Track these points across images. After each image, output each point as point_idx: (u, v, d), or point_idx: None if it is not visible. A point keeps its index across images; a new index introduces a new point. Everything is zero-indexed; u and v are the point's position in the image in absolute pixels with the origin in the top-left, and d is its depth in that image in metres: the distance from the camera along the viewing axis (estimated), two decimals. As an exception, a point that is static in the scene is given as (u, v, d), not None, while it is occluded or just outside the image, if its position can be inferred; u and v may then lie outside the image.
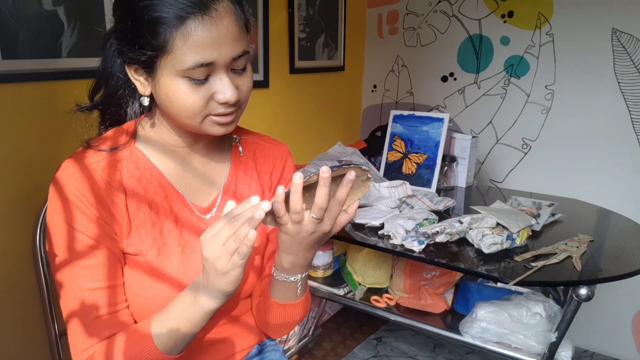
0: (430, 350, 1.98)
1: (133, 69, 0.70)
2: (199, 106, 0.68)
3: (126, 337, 0.70)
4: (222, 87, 0.68)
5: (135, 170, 0.75)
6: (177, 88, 0.67)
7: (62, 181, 0.71)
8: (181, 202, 0.78)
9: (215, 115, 0.70)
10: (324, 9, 1.99)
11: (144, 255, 0.74)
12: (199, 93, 0.67)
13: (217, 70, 0.67)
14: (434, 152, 1.73)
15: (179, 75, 0.66)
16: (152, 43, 0.64)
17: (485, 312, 1.28)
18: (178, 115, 0.69)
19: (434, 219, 1.38)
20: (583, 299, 1.07)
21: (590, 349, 1.96)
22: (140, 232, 0.74)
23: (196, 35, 0.63)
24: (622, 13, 1.68)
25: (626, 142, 1.75)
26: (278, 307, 0.82)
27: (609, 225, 1.50)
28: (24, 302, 1.13)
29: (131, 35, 0.66)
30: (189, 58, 0.64)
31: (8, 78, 1.04)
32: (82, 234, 0.70)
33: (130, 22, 0.65)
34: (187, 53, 0.64)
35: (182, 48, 0.64)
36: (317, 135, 2.11)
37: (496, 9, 1.94)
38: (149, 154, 0.78)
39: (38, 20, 1.08)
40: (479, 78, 2.04)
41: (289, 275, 0.77)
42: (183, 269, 0.76)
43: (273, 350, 0.97)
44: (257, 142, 0.90)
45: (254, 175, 0.87)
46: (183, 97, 0.67)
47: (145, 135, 0.78)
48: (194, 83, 0.66)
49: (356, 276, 1.58)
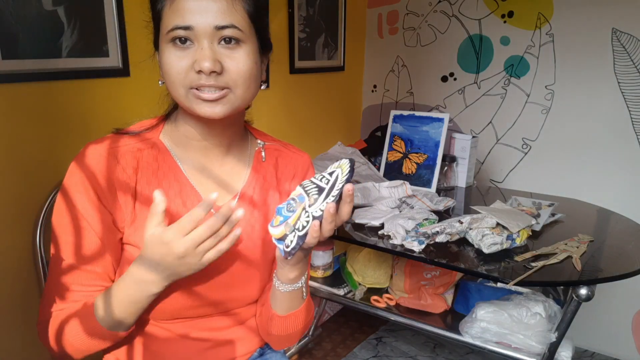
0: (430, 350, 1.98)
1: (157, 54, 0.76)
2: (180, 73, 0.69)
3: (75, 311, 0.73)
4: (200, 55, 0.68)
5: (154, 162, 0.77)
6: (165, 55, 0.70)
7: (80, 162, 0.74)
8: (195, 197, 0.78)
9: (196, 89, 0.70)
10: (324, 9, 1.99)
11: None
12: (180, 60, 0.69)
13: (199, 38, 0.69)
14: (434, 152, 1.73)
15: (166, 42, 0.70)
16: (154, 17, 0.72)
17: (485, 312, 1.28)
18: (170, 88, 0.72)
19: (434, 219, 1.38)
20: (583, 299, 1.07)
21: (590, 349, 1.96)
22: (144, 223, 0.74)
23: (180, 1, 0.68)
24: (622, 13, 1.68)
25: (626, 142, 1.75)
26: (279, 319, 0.82)
27: (609, 225, 1.50)
28: (24, 302, 1.13)
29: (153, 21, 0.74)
30: (171, 21, 0.68)
31: (8, 78, 1.04)
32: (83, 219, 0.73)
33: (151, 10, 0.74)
34: (170, 16, 0.69)
35: (168, 12, 0.69)
36: (317, 135, 2.11)
37: (496, 9, 1.94)
38: (170, 147, 0.79)
39: (38, 20, 1.07)
40: (479, 78, 2.04)
41: (295, 283, 0.77)
42: None
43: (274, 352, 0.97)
44: (280, 149, 0.90)
45: (273, 182, 0.87)
46: (168, 63, 0.70)
47: (169, 129, 0.81)
48: (177, 49, 0.69)
49: (356, 276, 1.58)
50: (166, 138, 0.80)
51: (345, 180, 0.63)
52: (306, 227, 0.63)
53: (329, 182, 0.64)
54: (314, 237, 0.65)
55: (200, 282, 0.76)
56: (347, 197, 0.64)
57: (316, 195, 0.64)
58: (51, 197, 1.10)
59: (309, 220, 0.63)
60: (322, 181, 0.65)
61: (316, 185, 0.64)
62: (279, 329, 0.83)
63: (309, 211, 0.63)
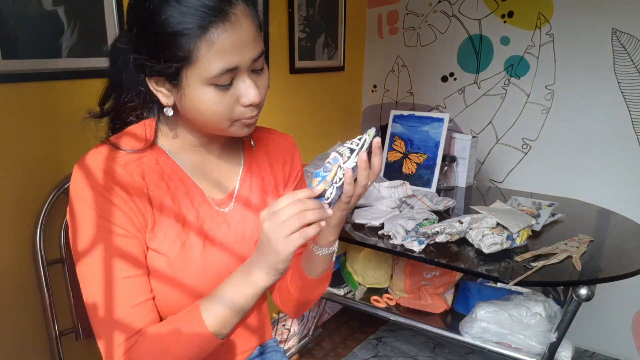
0: (430, 350, 1.98)
1: (154, 80, 0.71)
2: (226, 112, 0.69)
3: (171, 324, 0.70)
4: (245, 89, 0.69)
5: (157, 166, 0.76)
6: (204, 97, 0.67)
7: (87, 176, 0.71)
8: (200, 196, 0.79)
9: (244, 119, 0.72)
10: (324, 9, 1.99)
11: (167, 251, 0.74)
12: (225, 99, 0.68)
13: (240, 74, 0.68)
14: (434, 152, 1.73)
15: (205, 84, 0.66)
16: (176, 55, 0.65)
17: (485, 312, 1.28)
18: (206, 122, 0.70)
19: (434, 219, 1.38)
20: (583, 299, 1.07)
21: (590, 349, 1.96)
22: (164, 227, 0.74)
23: (219, 42, 0.64)
24: (622, 13, 1.68)
25: (626, 142, 1.75)
26: (314, 282, 0.84)
27: (609, 225, 1.50)
28: (24, 302, 1.13)
29: (154, 49, 0.66)
30: (214, 65, 0.65)
31: (8, 78, 1.04)
32: (114, 225, 0.70)
33: (153, 37, 0.65)
34: (212, 60, 0.65)
35: (207, 56, 0.64)
36: (317, 135, 2.11)
37: (496, 9, 1.94)
38: (168, 150, 0.79)
39: (38, 20, 1.07)
40: (479, 78, 2.04)
41: (332, 246, 0.80)
42: (204, 263, 0.76)
43: (274, 351, 0.97)
44: (266, 135, 0.91)
45: (266, 168, 0.88)
46: (211, 105, 0.68)
47: (163, 134, 0.79)
48: (220, 90, 0.67)
49: (356, 276, 1.58)
50: (163, 142, 0.79)
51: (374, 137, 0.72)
52: (342, 179, 0.71)
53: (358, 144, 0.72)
54: (349, 184, 0.70)
55: (203, 283, 0.76)
56: (376, 149, 0.71)
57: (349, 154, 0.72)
58: (51, 197, 1.10)
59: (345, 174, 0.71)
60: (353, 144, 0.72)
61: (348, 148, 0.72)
62: (311, 292, 0.86)
63: (343, 167, 0.71)
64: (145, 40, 0.67)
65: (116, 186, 0.70)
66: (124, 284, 0.70)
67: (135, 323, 0.70)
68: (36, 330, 1.14)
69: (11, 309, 1.11)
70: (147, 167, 0.75)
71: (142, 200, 0.73)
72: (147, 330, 0.70)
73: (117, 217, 0.70)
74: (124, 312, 0.69)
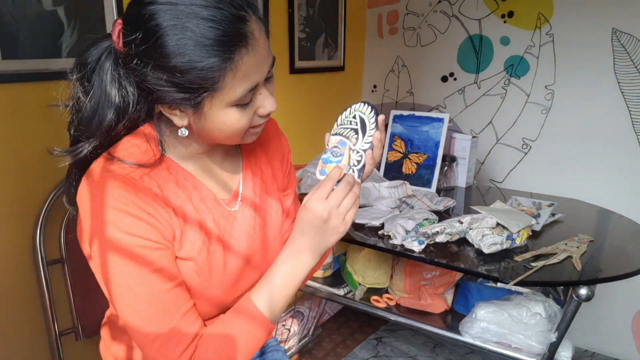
0: (430, 350, 1.98)
1: (167, 105, 0.67)
2: (246, 126, 0.70)
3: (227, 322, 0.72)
4: (263, 101, 0.69)
5: (170, 175, 0.74)
6: (227, 118, 0.67)
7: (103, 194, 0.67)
8: (213, 199, 0.79)
9: (255, 127, 0.72)
10: (324, 9, 1.99)
11: (195, 259, 0.73)
12: (246, 115, 0.68)
13: (258, 88, 0.68)
14: (434, 152, 1.73)
15: (228, 106, 0.66)
16: (201, 87, 0.62)
17: (485, 312, 1.28)
18: (224, 138, 0.71)
19: (434, 219, 1.37)
20: (583, 299, 1.07)
21: (590, 349, 1.96)
22: (190, 235, 0.74)
23: (244, 67, 0.63)
24: (622, 13, 1.68)
25: (626, 142, 1.75)
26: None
27: (609, 225, 1.50)
28: (24, 302, 1.13)
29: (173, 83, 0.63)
30: (240, 89, 0.64)
31: (8, 78, 1.04)
32: (145, 240, 0.68)
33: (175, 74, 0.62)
34: (237, 85, 0.64)
35: (232, 82, 0.63)
36: (317, 135, 2.11)
37: (496, 9, 1.94)
38: (176, 158, 0.77)
39: (38, 20, 1.07)
40: (479, 78, 2.04)
41: None
42: (225, 266, 0.77)
43: (274, 350, 0.97)
44: None
45: (262, 158, 0.89)
46: (234, 124, 0.68)
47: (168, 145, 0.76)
48: (242, 108, 0.67)
49: (356, 276, 1.58)
50: (168, 151, 0.76)
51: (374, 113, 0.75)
52: (362, 161, 0.73)
53: (357, 124, 0.74)
54: (371, 164, 0.75)
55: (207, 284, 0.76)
56: (382, 126, 0.75)
57: (355, 135, 0.73)
58: (51, 197, 1.10)
59: (361, 154, 0.73)
60: (352, 124, 0.74)
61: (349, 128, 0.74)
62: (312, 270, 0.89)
63: (356, 148, 0.73)
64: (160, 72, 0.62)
65: (139, 201, 0.68)
66: (169, 296, 0.69)
67: (189, 329, 0.70)
68: (36, 330, 1.14)
69: (11, 309, 1.11)
70: (161, 178, 0.73)
71: (166, 211, 0.71)
72: (202, 332, 0.71)
73: (146, 231, 0.68)
74: (176, 323, 0.69)
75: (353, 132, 0.74)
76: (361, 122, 0.74)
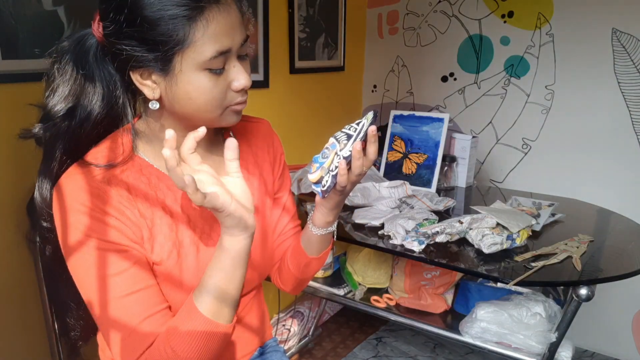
0: (430, 350, 1.98)
1: (139, 73, 0.68)
2: (220, 98, 0.69)
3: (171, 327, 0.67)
4: (236, 74, 0.69)
5: (142, 177, 0.73)
6: (199, 83, 0.66)
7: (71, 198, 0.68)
8: (190, 201, 0.77)
9: (234, 105, 0.71)
10: (324, 9, 1.99)
11: (165, 262, 0.73)
12: (218, 84, 0.68)
13: (230, 59, 0.68)
14: (434, 152, 1.73)
15: (199, 69, 0.66)
16: (171, 39, 0.63)
17: (485, 312, 1.28)
18: (198, 110, 0.69)
19: (434, 219, 1.37)
20: (583, 299, 1.07)
21: (590, 349, 1.96)
22: (159, 238, 0.73)
23: (214, 24, 0.64)
24: (622, 13, 1.68)
25: (626, 142, 1.75)
26: (315, 260, 0.87)
27: (609, 225, 1.50)
28: (24, 302, 1.13)
29: (144, 38, 0.63)
30: (210, 48, 0.64)
31: (8, 78, 1.04)
32: (107, 242, 0.67)
33: (145, 24, 0.63)
34: (207, 43, 0.64)
35: (202, 39, 0.64)
36: (317, 135, 2.11)
37: (496, 9, 1.94)
38: (150, 159, 0.75)
39: (38, 20, 1.07)
40: (479, 78, 2.04)
41: (331, 227, 0.83)
42: (198, 269, 0.75)
43: (274, 351, 0.97)
44: (243, 124, 0.89)
45: (250, 158, 0.88)
46: (206, 91, 0.67)
47: (142, 142, 0.76)
48: (214, 74, 0.67)
49: (356, 276, 1.58)
50: (142, 150, 0.75)
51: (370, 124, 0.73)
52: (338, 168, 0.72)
53: (356, 130, 0.73)
54: (342, 175, 0.72)
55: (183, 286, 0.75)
56: (371, 137, 0.72)
57: (346, 141, 0.73)
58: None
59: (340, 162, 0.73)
60: (351, 130, 0.73)
61: (346, 133, 0.73)
62: (312, 270, 0.89)
63: (341, 153, 0.73)
64: (131, 30, 0.64)
65: (104, 205, 0.68)
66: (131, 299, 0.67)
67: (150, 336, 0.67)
68: (36, 330, 1.14)
69: (11, 309, 1.11)
70: (131, 180, 0.72)
71: (133, 213, 0.70)
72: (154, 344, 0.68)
73: (112, 235, 0.68)
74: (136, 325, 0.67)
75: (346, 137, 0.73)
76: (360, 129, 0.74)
